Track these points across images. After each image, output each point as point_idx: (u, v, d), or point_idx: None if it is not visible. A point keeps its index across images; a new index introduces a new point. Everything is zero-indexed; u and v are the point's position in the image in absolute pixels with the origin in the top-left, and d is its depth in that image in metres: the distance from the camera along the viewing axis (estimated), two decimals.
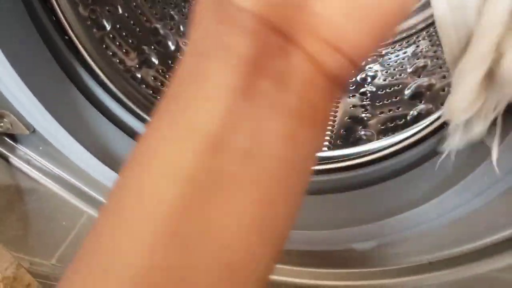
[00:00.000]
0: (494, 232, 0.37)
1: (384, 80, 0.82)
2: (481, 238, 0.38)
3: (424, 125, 0.48)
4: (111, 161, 0.50)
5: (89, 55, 0.53)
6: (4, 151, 0.53)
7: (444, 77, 0.70)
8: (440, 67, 0.72)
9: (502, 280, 0.38)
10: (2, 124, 0.47)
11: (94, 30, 0.66)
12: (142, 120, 0.55)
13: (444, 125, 0.47)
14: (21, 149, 0.53)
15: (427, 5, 0.85)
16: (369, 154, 0.50)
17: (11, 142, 0.53)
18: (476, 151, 0.34)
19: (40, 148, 0.52)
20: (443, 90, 0.68)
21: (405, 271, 0.43)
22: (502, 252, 0.38)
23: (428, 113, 0.68)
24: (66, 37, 0.51)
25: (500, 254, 0.38)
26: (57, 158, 0.53)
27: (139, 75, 0.73)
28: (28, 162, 0.53)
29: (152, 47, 0.79)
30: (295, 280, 0.52)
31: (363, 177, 0.48)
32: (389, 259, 0.43)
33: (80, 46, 0.52)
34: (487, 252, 0.38)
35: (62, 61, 0.50)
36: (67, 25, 0.50)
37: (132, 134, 0.53)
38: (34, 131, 0.49)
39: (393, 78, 0.81)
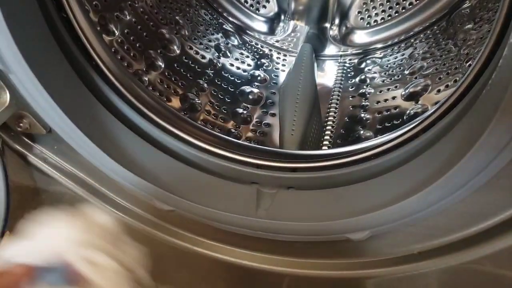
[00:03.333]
0: (478, 221, 0.39)
1: (383, 81, 0.85)
2: (466, 228, 0.41)
3: (416, 123, 0.51)
4: (122, 158, 0.53)
5: (100, 59, 0.56)
6: (22, 150, 0.56)
7: (439, 78, 0.72)
8: (436, 69, 0.75)
9: (486, 268, 0.41)
10: (21, 124, 0.51)
11: (104, 35, 0.70)
12: (151, 120, 0.58)
13: (435, 122, 0.50)
14: (38, 148, 0.56)
15: (424, 8, 0.88)
16: (364, 152, 0.53)
17: (28, 141, 0.56)
18: (458, 148, 0.37)
19: (55, 147, 0.56)
20: (439, 91, 0.71)
21: (397, 260, 0.46)
22: (487, 240, 0.40)
23: (423, 112, 0.70)
24: (79, 43, 0.54)
25: (485, 242, 0.40)
26: (71, 156, 0.56)
27: (146, 78, 0.76)
28: (44, 160, 0.56)
29: (159, 51, 0.82)
30: (297, 271, 0.55)
31: (359, 173, 0.50)
32: (382, 249, 0.46)
33: (92, 51, 0.55)
34: (472, 240, 0.41)
35: (76, 66, 0.53)
36: (80, 31, 0.54)
37: (140, 133, 0.56)
38: (50, 131, 0.52)
39: (391, 79, 0.84)
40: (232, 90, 0.89)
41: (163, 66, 0.81)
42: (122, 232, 0.39)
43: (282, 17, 1.00)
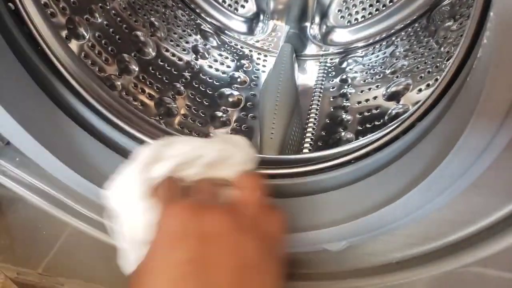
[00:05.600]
0: (457, 229, 0.38)
1: (364, 80, 0.83)
2: (445, 236, 0.39)
3: (395, 125, 0.49)
4: (88, 171, 0.50)
5: (62, 65, 0.53)
6: None
7: (421, 77, 0.71)
8: (417, 67, 0.73)
9: (468, 275, 0.39)
10: None
11: (73, 39, 0.67)
12: (119, 129, 0.55)
13: (414, 124, 0.48)
14: None
15: (404, 5, 0.87)
16: (345, 155, 0.51)
17: None
18: (437, 152, 0.35)
19: (17, 159, 0.52)
20: (420, 91, 0.69)
21: (376, 270, 0.44)
22: (466, 248, 0.39)
23: (404, 113, 0.69)
24: (39, 48, 0.51)
25: (464, 250, 0.39)
26: (34, 169, 0.53)
27: (119, 83, 0.73)
28: (3, 173, 0.53)
29: (133, 54, 0.79)
30: None
31: (338, 178, 0.48)
32: (360, 259, 0.44)
33: (52, 57, 0.52)
34: (452, 249, 0.39)
35: (35, 72, 0.50)
36: (38, 35, 0.50)
37: (108, 143, 0.53)
38: (8, 143, 0.49)
39: (372, 78, 0.82)
40: (210, 92, 0.86)
41: (137, 69, 0.79)
42: None
43: (262, 17, 0.98)
